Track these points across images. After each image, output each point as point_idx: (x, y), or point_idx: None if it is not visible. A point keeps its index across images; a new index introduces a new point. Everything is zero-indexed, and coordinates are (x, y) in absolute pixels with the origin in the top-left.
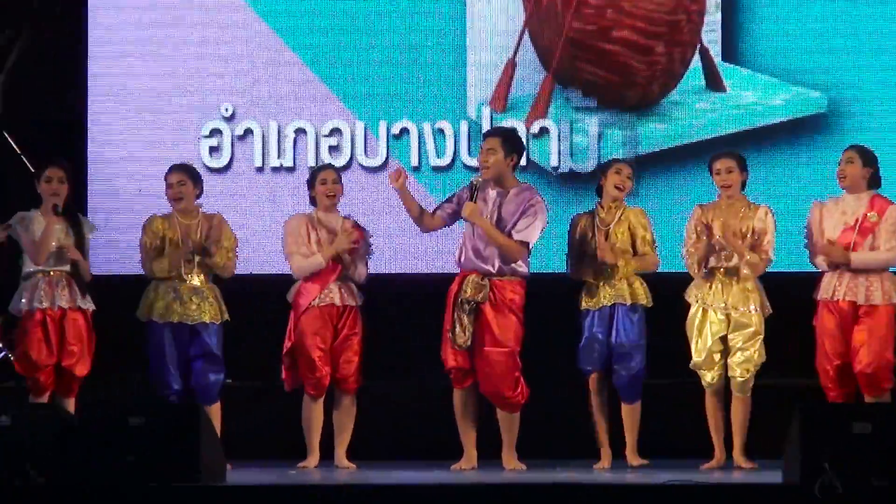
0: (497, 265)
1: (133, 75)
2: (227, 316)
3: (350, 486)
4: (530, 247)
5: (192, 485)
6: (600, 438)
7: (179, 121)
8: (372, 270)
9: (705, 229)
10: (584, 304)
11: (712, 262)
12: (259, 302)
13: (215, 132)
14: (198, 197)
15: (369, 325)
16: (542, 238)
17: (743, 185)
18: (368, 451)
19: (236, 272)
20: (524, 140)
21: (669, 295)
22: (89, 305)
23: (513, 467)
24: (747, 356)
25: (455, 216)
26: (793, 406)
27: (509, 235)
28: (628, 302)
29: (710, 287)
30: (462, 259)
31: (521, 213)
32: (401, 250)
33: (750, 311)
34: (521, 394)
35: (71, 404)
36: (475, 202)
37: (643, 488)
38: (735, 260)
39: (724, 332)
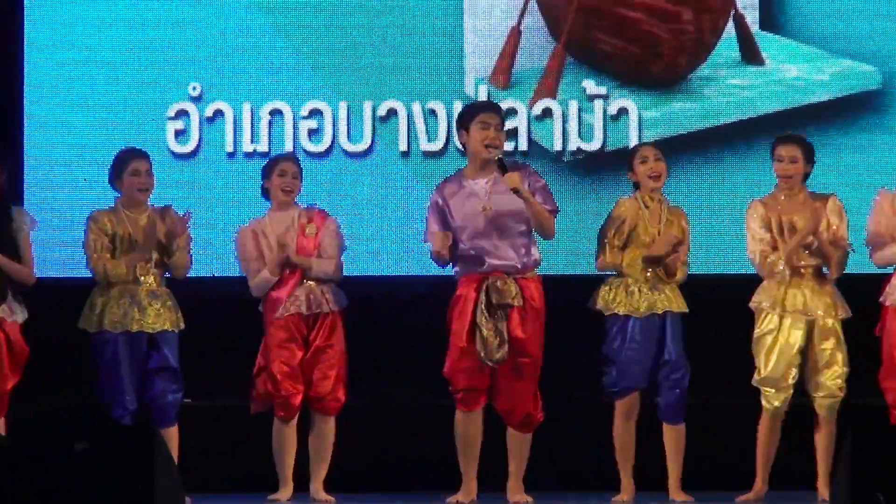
0: (522, 260)
1: (84, 47)
2: (182, 324)
3: None
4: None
5: None
6: (624, 467)
7: (139, 101)
8: (356, 272)
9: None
10: (622, 309)
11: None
12: (225, 309)
13: (181, 114)
14: None
15: (353, 335)
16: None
17: (804, 178)
18: (350, 481)
19: (195, 274)
20: (527, 121)
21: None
22: (15, 315)
23: (519, 500)
24: (839, 372)
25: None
26: (845, 427)
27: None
28: (677, 308)
29: (786, 290)
30: (469, 262)
31: (529, 186)
32: (389, 250)
33: (833, 317)
34: (541, 411)
35: (0, 425)
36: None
37: None
38: (812, 258)
39: (803, 344)
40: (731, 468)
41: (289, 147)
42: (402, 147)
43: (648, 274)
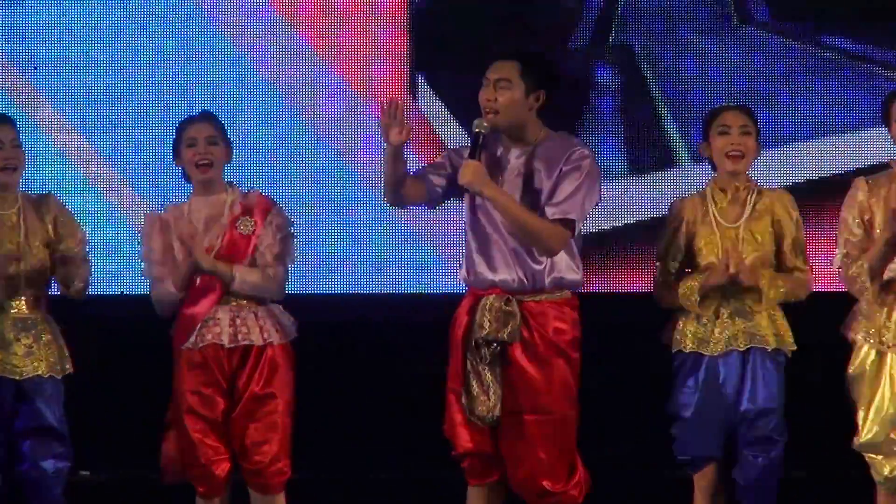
0: (531, 275)
1: None
2: (69, 366)
3: None
4: (578, 229)
5: None
6: None
7: None
8: (312, 290)
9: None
10: (689, 345)
11: (889, 272)
12: (139, 339)
13: None
14: None
15: (310, 377)
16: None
17: None
18: None
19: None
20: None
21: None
22: None
23: None
24: None
25: (449, 189)
26: None
27: (542, 214)
28: (771, 345)
29: (891, 316)
30: (469, 273)
31: (558, 175)
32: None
33: None
34: (577, 485)
35: None
36: (479, 160)
37: None
38: None
39: None
40: None
41: None
42: None
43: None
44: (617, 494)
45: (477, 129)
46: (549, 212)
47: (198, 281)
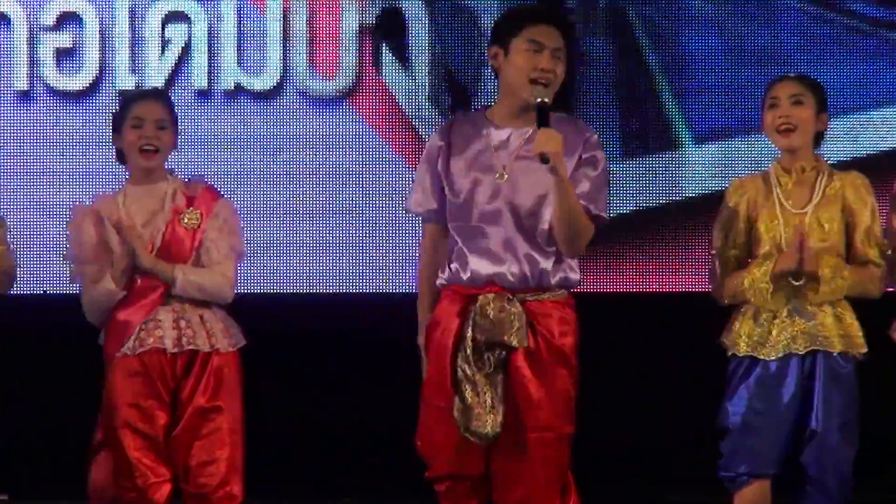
0: (536, 272)
1: None
2: None
3: None
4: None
5: None
6: None
7: None
8: (265, 287)
9: None
10: (743, 349)
11: None
12: (59, 344)
13: None
14: None
15: (263, 387)
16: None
17: None
18: None
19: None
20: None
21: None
22: None
23: None
24: None
25: (444, 199)
26: None
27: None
28: (837, 348)
29: None
30: (457, 270)
31: (578, 162)
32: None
33: None
34: None
35: None
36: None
37: None
38: None
39: None
40: None
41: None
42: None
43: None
44: None
45: (542, 99)
46: (588, 208)
47: (138, 281)
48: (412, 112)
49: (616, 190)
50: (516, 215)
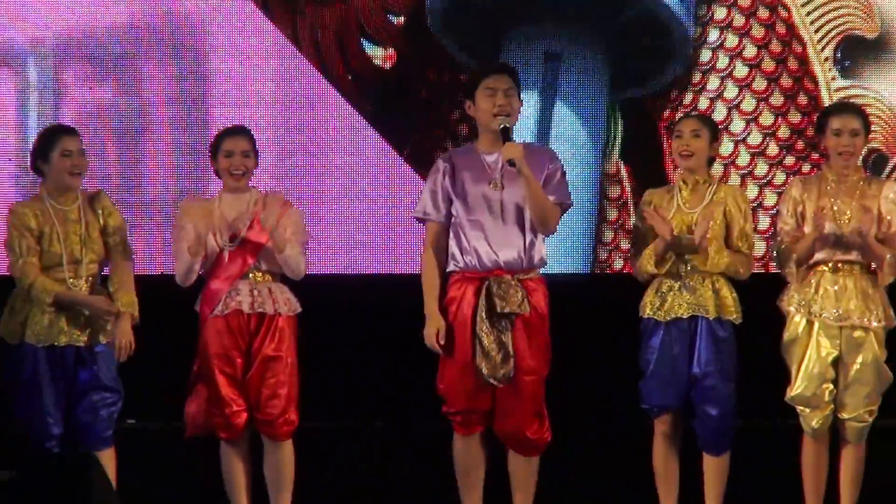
0: (529, 257)
1: None
2: None
3: None
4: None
5: None
6: (666, 500)
7: None
8: (314, 270)
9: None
10: (647, 311)
11: (820, 254)
12: (176, 311)
13: None
14: None
15: (314, 345)
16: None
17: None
18: None
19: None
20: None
21: (757, 303)
22: None
23: None
24: (869, 393)
25: (450, 205)
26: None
27: None
28: (713, 315)
29: (817, 290)
30: (466, 256)
31: (547, 171)
32: (355, 243)
33: (872, 325)
34: (548, 430)
35: None
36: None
37: None
38: (854, 253)
39: (838, 354)
40: (786, 500)
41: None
42: None
43: (683, 270)
44: (587, 439)
45: (504, 125)
46: (552, 198)
47: (225, 258)
48: None
49: None
50: (507, 212)
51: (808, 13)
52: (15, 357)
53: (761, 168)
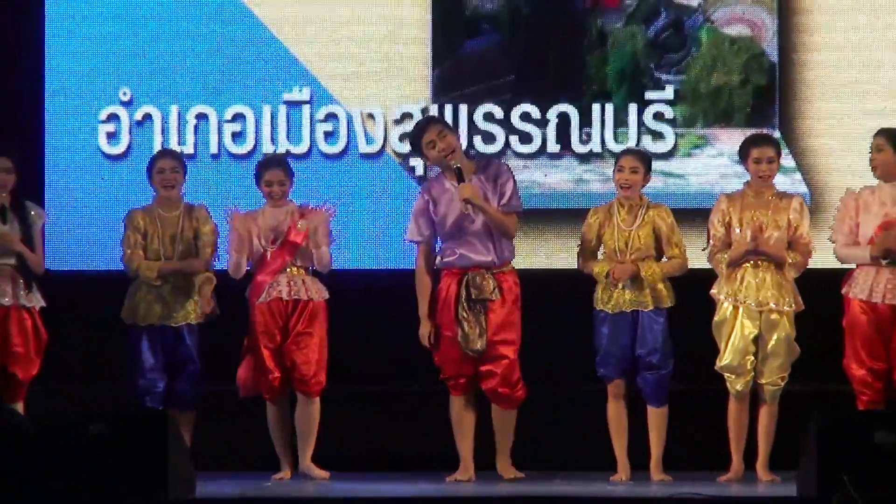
0: (499, 256)
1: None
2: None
3: (330, 499)
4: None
5: (159, 500)
6: (618, 447)
7: (71, 105)
8: (338, 266)
9: (728, 224)
10: (599, 305)
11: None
12: (228, 299)
13: (112, 117)
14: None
15: (339, 323)
16: (552, 233)
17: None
18: (357, 462)
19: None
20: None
21: (693, 292)
22: (37, 302)
23: (510, 476)
24: (781, 363)
25: (433, 231)
26: (811, 413)
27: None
28: (650, 307)
29: (742, 282)
30: (450, 257)
31: (495, 182)
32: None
33: (784, 309)
34: (521, 389)
35: (19, 410)
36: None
37: (652, 503)
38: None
39: (758, 333)
40: (716, 450)
41: (213, 150)
42: (339, 149)
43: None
44: (557, 398)
45: (456, 165)
46: (506, 209)
47: (268, 257)
48: None
49: None
50: (477, 226)
51: None
52: (130, 334)
53: None
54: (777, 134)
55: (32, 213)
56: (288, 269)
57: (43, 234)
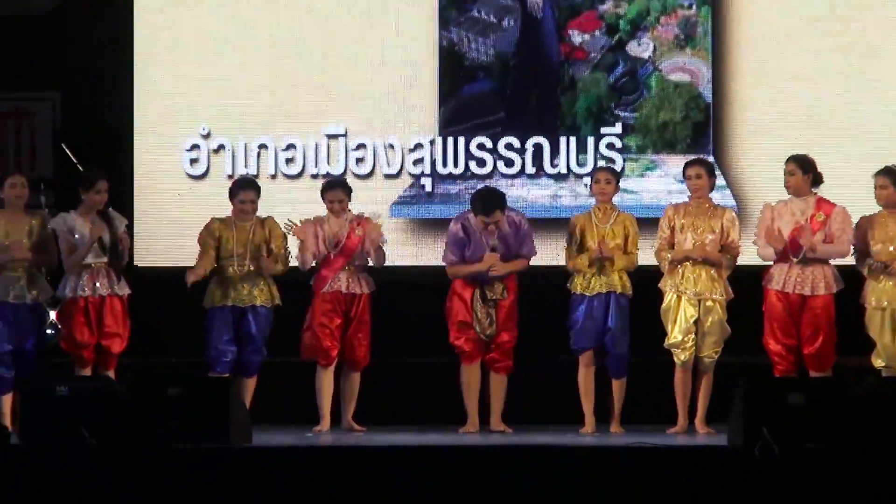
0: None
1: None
2: (277, 301)
3: (366, 448)
4: None
5: (223, 446)
6: (587, 407)
7: (163, 139)
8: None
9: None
10: (578, 290)
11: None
12: (286, 290)
13: (195, 147)
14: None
15: (387, 312)
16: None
17: (710, 188)
18: (383, 418)
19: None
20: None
21: (646, 286)
22: (125, 290)
23: (501, 429)
24: (716, 340)
25: (463, 254)
26: (738, 379)
27: (519, 254)
28: (619, 290)
29: (683, 276)
30: (475, 276)
31: (517, 230)
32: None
33: (717, 297)
34: (511, 360)
35: (110, 376)
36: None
37: (612, 450)
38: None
39: (697, 316)
40: (665, 409)
41: (271, 171)
42: (367, 171)
43: (603, 266)
44: (540, 369)
45: (495, 243)
46: (524, 254)
47: (331, 258)
48: None
49: None
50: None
51: None
52: (207, 314)
53: None
54: (711, 159)
55: (116, 220)
56: (347, 268)
57: (129, 235)
